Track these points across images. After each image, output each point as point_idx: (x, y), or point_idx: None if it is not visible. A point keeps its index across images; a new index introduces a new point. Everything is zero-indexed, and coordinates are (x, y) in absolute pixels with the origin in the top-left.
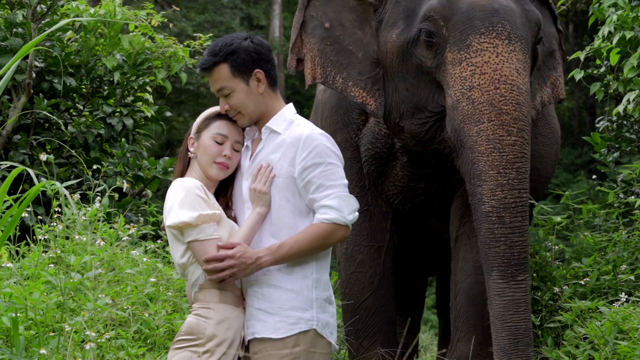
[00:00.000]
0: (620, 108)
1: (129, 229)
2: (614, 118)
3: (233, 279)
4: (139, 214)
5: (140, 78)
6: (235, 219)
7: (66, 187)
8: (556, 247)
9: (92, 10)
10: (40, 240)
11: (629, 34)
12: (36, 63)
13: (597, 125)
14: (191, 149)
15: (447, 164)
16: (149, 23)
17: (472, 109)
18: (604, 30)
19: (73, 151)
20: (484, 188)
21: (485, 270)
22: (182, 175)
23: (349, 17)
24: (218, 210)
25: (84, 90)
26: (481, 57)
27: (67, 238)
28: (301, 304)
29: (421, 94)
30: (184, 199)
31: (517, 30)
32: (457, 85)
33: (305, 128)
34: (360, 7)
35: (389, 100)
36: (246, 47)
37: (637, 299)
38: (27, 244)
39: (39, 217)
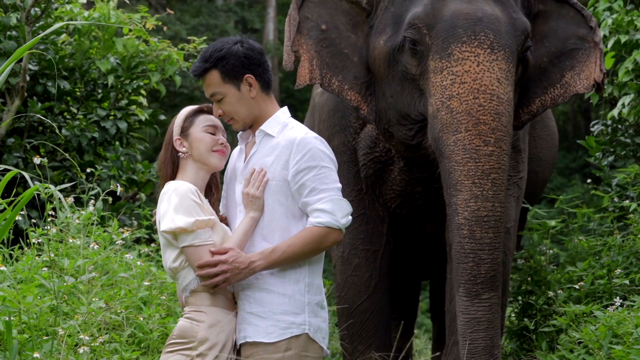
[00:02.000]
0: (615, 112)
1: (122, 232)
2: (609, 122)
3: (226, 284)
4: (133, 218)
5: (134, 81)
6: (226, 222)
7: (60, 191)
8: (551, 251)
9: (86, 14)
10: (33, 243)
11: (623, 38)
12: (30, 66)
13: (591, 129)
14: (182, 149)
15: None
16: (143, 26)
17: (451, 118)
18: None
19: (67, 154)
20: (458, 198)
21: (454, 284)
22: (172, 179)
23: (343, 20)
24: (212, 215)
25: (78, 93)
26: (462, 66)
27: (60, 241)
28: (293, 308)
29: (405, 101)
30: (179, 204)
31: (501, 39)
32: (437, 94)
33: (299, 131)
34: (353, 11)
35: (379, 106)
36: (236, 52)
37: (632, 303)
38: (21, 247)
39: (33, 220)
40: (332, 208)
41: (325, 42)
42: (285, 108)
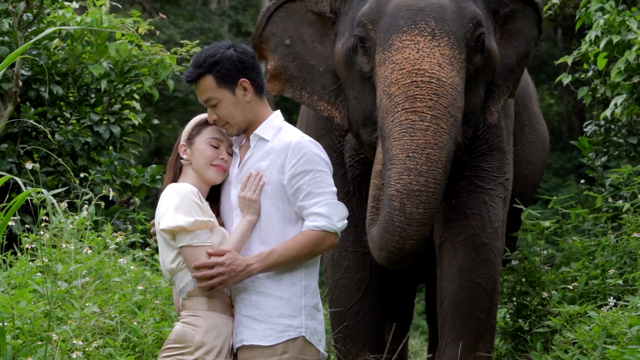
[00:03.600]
0: (607, 112)
1: (116, 237)
2: (602, 122)
3: (223, 286)
4: (127, 222)
5: (127, 86)
6: (224, 226)
7: (53, 196)
8: (545, 251)
9: (78, 19)
10: (27, 249)
11: (616, 38)
12: (23, 71)
13: (585, 129)
14: (184, 156)
15: None
16: (136, 31)
17: (390, 103)
18: (591, 34)
19: (60, 159)
20: (392, 171)
21: (375, 246)
22: (174, 182)
23: (309, 31)
24: (212, 217)
25: (71, 98)
26: (401, 54)
27: (54, 247)
28: (290, 311)
29: (366, 101)
30: (180, 204)
31: (444, 26)
32: (381, 84)
33: (294, 135)
34: (319, 21)
35: (349, 111)
36: (230, 56)
37: (626, 303)
38: (14, 252)
39: (27, 225)
40: (328, 212)
41: (291, 57)
42: (279, 112)
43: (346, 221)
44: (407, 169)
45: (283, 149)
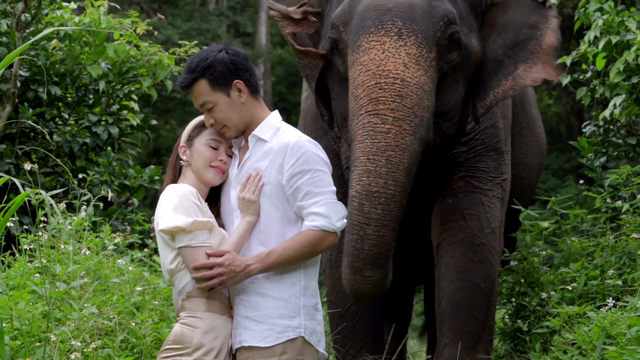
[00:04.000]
0: (606, 113)
1: (115, 237)
2: (601, 123)
3: (222, 287)
4: (126, 223)
5: (126, 86)
6: (224, 228)
7: (52, 196)
8: (544, 252)
9: (76, 19)
10: (25, 250)
11: (614, 39)
12: (21, 72)
13: (583, 130)
14: (184, 157)
15: (425, 171)
16: (134, 31)
17: (355, 105)
18: (590, 35)
19: (59, 160)
20: (354, 173)
21: (343, 253)
22: (174, 183)
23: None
24: (211, 218)
25: (69, 99)
26: (367, 55)
27: (52, 247)
28: (289, 312)
29: (344, 103)
30: (179, 204)
31: (412, 25)
32: (350, 87)
33: (293, 135)
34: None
35: (333, 112)
36: (222, 59)
37: (625, 303)
38: (13, 253)
39: (25, 226)
40: (327, 211)
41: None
42: (276, 112)
43: (345, 221)
44: (367, 171)
45: (281, 149)
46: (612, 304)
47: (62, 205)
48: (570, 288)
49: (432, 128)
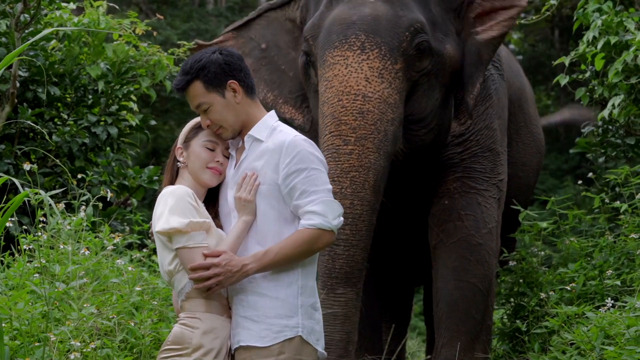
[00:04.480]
0: (605, 113)
1: (114, 238)
2: (600, 123)
3: (219, 287)
4: (124, 223)
5: (125, 87)
6: (222, 228)
7: (51, 197)
8: (542, 252)
9: (75, 20)
10: (24, 250)
11: (613, 39)
12: (20, 72)
13: (582, 130)
14: (180, 159)
15: (417, 174)
16: (133, 32)
17: (322, 123)
18: (589, 35)
19: (58, 160)
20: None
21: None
22: (171, 184)
23: (286, 38)
24: (208, 218)
25: (68, 99)
26: (332, 71)
27: (51, 248)
28: (286, 312)
29: (317, 114)
30: (175, 206)
31: (375, 37)
32: (319, 101)
33: (288, 134)
34: (294, 29)
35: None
36: (215, 59)
37: (623, 304)
38: (12, 253)
39: (24, 226)
40: (323, 210)
41: (265, 60)
42: (273, 112)
43: (342, 219)
44: (333, 192)
45: (277, 148)
46: (610, 304)
47: (61, 205)
48: (569, 288)
49: (400, 139)
